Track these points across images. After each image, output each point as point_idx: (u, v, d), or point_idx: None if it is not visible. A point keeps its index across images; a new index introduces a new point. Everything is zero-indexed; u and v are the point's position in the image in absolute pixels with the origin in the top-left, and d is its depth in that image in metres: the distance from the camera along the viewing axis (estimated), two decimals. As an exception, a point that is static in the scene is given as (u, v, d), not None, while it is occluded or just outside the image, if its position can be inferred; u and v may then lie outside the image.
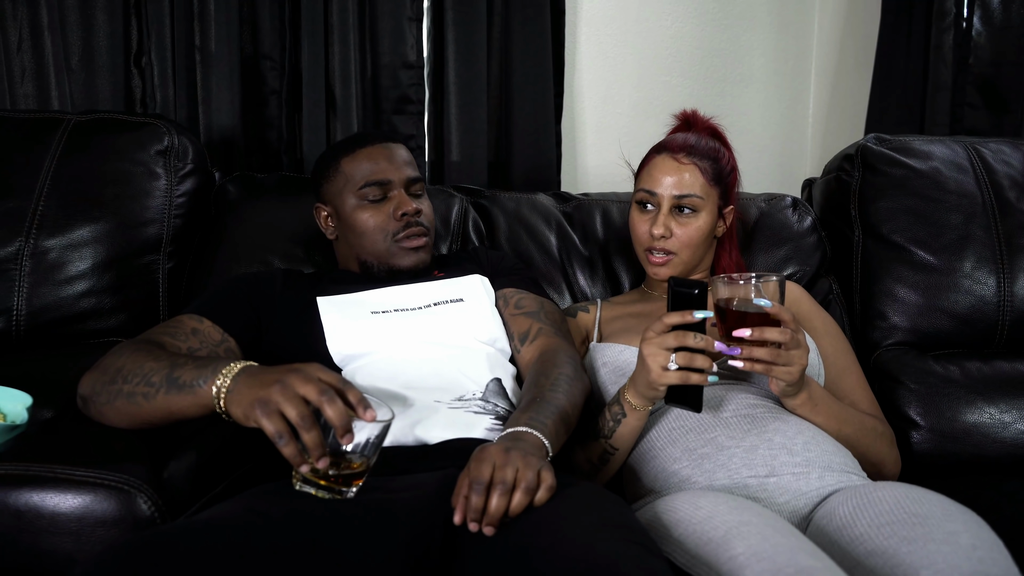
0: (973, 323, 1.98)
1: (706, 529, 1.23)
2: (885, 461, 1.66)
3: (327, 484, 1.20)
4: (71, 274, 1.86)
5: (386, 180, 1.78)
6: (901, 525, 1.22)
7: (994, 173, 2.07)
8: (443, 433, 1.47)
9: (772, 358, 1.40)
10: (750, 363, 1.42)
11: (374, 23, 2.45)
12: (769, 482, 1.43)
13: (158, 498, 1.33)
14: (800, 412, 1.56)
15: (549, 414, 1.42)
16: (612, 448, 1.58)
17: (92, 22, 2.26)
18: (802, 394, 1.53)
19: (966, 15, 2.66)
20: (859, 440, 1.60)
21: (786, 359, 1.41)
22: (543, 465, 1.23)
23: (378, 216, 1.78)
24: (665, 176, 1.79)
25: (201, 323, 1.61)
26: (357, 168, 1.79)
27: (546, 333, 1.70)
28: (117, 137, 1.98)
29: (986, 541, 1.19)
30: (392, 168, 1.79)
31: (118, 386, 1.38)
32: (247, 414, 1.20)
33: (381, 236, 1.77)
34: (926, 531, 1.19)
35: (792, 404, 1.55)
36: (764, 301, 1.40)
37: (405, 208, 1.77)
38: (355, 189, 1.78)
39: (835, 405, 1.59)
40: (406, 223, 1.78)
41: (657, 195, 1.79)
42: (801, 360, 1.43)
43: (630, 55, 2.86)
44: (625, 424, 1.54)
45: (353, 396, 1.20)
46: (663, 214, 1.78)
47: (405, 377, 1.57)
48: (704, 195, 1.79)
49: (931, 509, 1.24)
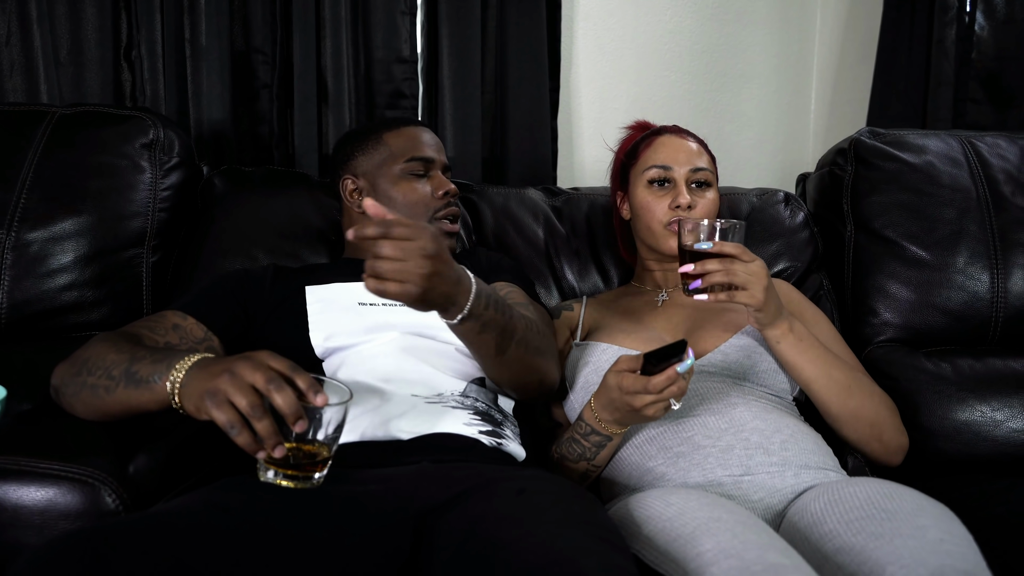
0: (966, 320, 1.94)
1: (676, 526, 1.21)
2: (884, 423, 1.62)
3: (291, 472, 1.17)
4: (53, 267, 1.85)
5: (430, 158, 1.85)
6: (870, 521, 1.20)
7: (989, 167, 2.04)
8: (417, 428, 1.45)
9: (724, 277, 1.49)
10: (712, 294, 1.51)
11: (367, 17, 2.43)
12: (744, 480, 1.42)
13: (123, 491, 1.31)
14: (784, 347, 1.58)
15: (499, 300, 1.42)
16: (595, 467, 1.57)
17: (81, 15, 2.25)
18: (782, 324, 1.57)
19: (968, 9, 2.64)
20: (851, 390, 1.59)
21: (742, 281, 1.49)
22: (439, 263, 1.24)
23: (421, 190, 1.82)
24: (679, 152, 1.81)
25: (184, 320, 1.60)
26: (403, 142, 1.84)
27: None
28: (102, 130, 1.97)
29: (955, 535, 1.17)
30: (433, 149, 1.87)
31: (83, 378, 1.38)
32: (198, 406, 1.19)
33: (423, 210, 1.81)
34: (894, 526, 1.18)
35: (774, 336, 1.58)
36: (706, 244, 1.52)
37: (447, 187, 1.84)
38: (401, 161, 1.82)
39: (823, 349, 1.60)
40: (447, 202, 1.83)
41: (672, 169, 1.79)
42: (757, 281, 1.50)
43: (628, 50, 2.83)
44: (610, 447, 1.53)
45: (303, 382, 1.17)
46: (680, 188, 1.78)
47: (385, 371, 1.56)
48: (712, 171, 1.82)
49: (902, 504, 1.22)
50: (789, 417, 1.56)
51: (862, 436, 1.60)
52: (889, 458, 1.63)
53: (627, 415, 1.43)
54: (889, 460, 1.63)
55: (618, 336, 1.72)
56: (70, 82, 2.27)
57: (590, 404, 1.50)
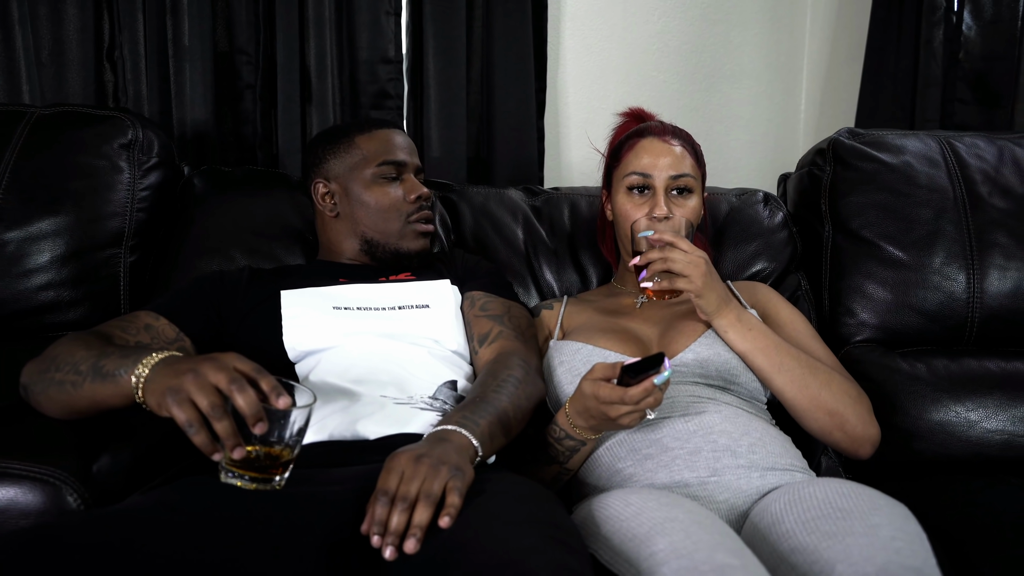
0: (942, 320, 1.93)
1: (632, 526, 1.21)
2: (845, 412, 1.58)
3: (251, 474, 1.18)
4: (30, 267, 1.86)
5: (402, 161, 1.84)
6: (825, 520, 1.20)
7: (967, 167, 2.02)
8: (383, 429, 1.45)
9: (663, 265, 1.54)
10: (656, 283, 1.56)
11: (351, 17, 2.43)
12: (710, 482, 1.42)
13: (85, 491, 1.31)
14: (732, 336, 1.62)
15: (485, 414, 1.39)
16: (568, 470, 1.58)
17: (63, 15, 2.25)
18: (728, 314, 1.61)
19: (956, 9, 2.65)
20: (805, 379, 1.58)
21: (680, 268, 1.54)
22: (454, 475, 1.18)
23: (394, 194, 1.81)
24: (659, 158, 1.76)
25: (157, 320, 1.60)
26: (375, 146, 1.83)
27: (506, 336, 1.68)
28: (80, 130, 1.97)
29: (907, 533, 1.17)
30: (406, 152, 1.85)
31: (51, 374, 1.38)
32: (160, 403, 1.19)
33: (395, 215, 1.81)
34: (848, 525, 1.18)
35: (720, 325, 1.62)
36: (647, 232, 1.59)
37: (420, 191, 1.83)
38: (373, 165, 1.81)
39: (776, 340, 1.61)
40: (419, 206, 1.83)
41: (653, 176, 1.75)
42: (695, 268, 1.55)
43: (616, 50, 2.83)
44: (583, 451, 1.54)
45: (266, 384, 1.18)
46: (661, 195, 1.74)
47: (355, 373, 1.56)
48: (695, 176, 1.78)
49: (857, 503, 1.22)
50: (758, 420, 1.55)
51: (823, 426, 1.59)
52: (856, 449, 1.61)
53: (602, 423, 1.43)
54: (856, 451, 1.61)
55: (594, 336, 1.71)
56: (52, 83, 2.28)
57: (564, 410, 1.50)
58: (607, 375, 1.38)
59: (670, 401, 1.54)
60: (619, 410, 1.36)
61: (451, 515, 1.13)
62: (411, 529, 1.12)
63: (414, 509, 1.14)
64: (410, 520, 1.13)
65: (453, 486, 1.17)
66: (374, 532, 1.14)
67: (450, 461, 1.21)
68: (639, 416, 1.37)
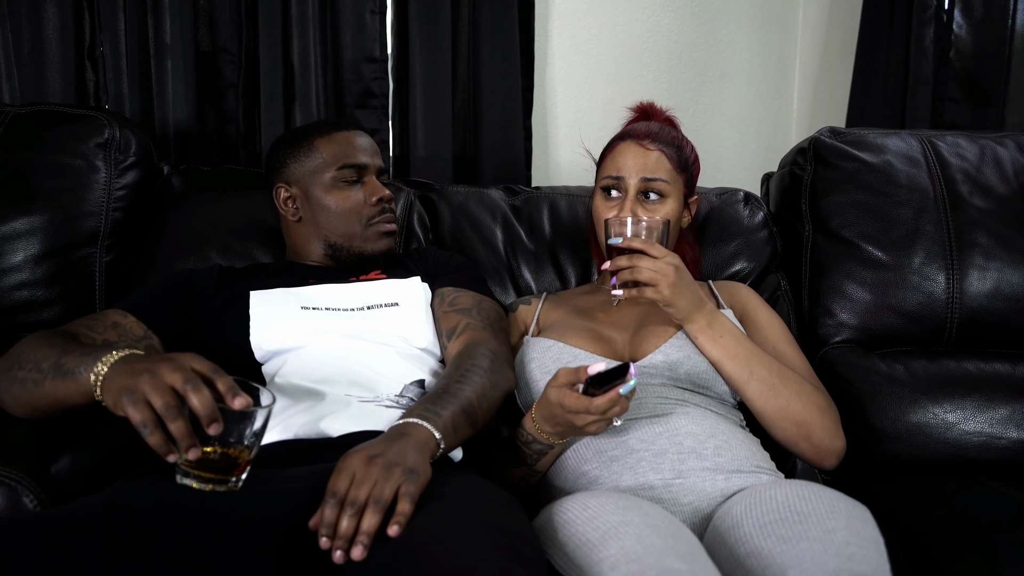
0: (921, 321, 1.91)
1: (587, 530, 1.20)
2: (812, 424, 1.57)
3: (208, 475, 1.17)
4: (4, 266, 1.86)
5: (363, 164, 1.82)
6: (781, 524, 1.19)
7: (948, 167, 2.00)
8: (346, 426, 1.44)
9: (631, 275, 1.53)
10: (627, 290, 1.55)
11: (335, 16, 2.42)
12: (675, 484, 1.41)
13: (42, 493, 1.31)
14: (702, 341, 1.61)
15: (449, 406, 1.39)
16: (536, 472, 1.57)
17: (42, 14, 2.25)
18: (698, 319, 1.60)
19: (947, 8, 2.65)
20: (775, 388, 1.57)
21: (647, 277, 1.53)
22: (407, 479, 1.17)
23: (355, 197, 1.81)
24: (630, 160, 1.76)
25: (125, 318, 1.60)
26: (335, 149, 1.82)
27: (473, 328, 1.67)
28: (56, 129, 1.97)
29: (863, 538, 1.15)
30: (367, 154, 1.84)
31: (13, 372, 1.38)
32: (116, 402, 1.18)
33: (356, 218, 1.80)
34: (803, 529, 1.16)
35: (691, 331, 1.61)
36: (617, 240, 1.58)
37: (381, 193, 1.82)
38: (332, 169, 1.80)
39: (749, 346, 1.60)
40: (381, 208, 1.82)
41: (623, 179, 1.75)
42: (663, 277, 1.53)
43: (605, 49, 2.82)
44: (551, 454, 1.53)
45: (223, 384, 1.17)
46: (630, 199, 1.74)
47: (322, 373, 1.55)
48: (671, 180, 1.76)
49: (816, 507, 1.21)
50: (726, 422, 1.54)
51: (789, 436, 1.58)
52: (821, 460, 1.60)
53: (568, 430, 1.43)
54: (821, 463, 1.60)
55: (566, 333, 1.70)
56: (32, 82, 2.27)
57: (531, 414, 1.49)
58: (571, 380, 1.37)
59: (638, 402, 1.53)
60: (585, 419, 1.35)
61: (400, 523, 1.12)
62: (359, 536, 1.11)
63: (363, 514, 1.13)
64: (358, 526, 1.12)
65: (405, 491, 1.15)
66: (323, 534, 1.13)
67: (405, 463, 1.20)
68: (605, 424, 1.37)
